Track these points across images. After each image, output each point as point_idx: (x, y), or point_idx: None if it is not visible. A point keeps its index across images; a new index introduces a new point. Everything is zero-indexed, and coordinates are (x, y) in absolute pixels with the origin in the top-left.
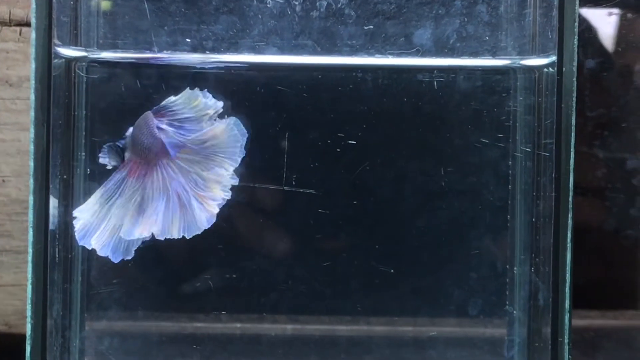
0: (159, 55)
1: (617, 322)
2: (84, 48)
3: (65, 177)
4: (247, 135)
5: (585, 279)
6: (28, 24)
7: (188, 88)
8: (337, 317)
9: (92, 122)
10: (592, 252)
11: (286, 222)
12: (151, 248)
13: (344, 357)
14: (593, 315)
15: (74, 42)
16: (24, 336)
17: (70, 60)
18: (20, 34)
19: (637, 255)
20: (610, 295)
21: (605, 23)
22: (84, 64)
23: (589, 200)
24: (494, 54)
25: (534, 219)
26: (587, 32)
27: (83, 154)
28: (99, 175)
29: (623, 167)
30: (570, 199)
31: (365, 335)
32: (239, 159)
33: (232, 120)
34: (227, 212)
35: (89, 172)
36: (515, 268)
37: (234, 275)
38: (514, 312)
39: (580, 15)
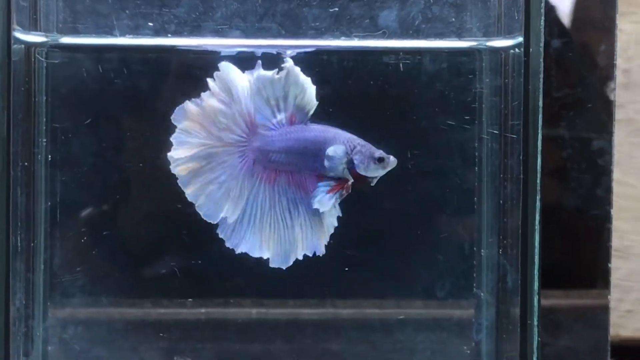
0: (120, 40)
1: (582, 301)
2: (44, 33)
3: (26, 164)
4: None
5: (550, 259)
6: None
7: None
8: (303, 301)
9: (53, 108)
10: (557, 233)
11: None
12: (115, 235)
13: (311, 342)
14: (557, 295)
15: (33, 26)
16: None
17: (29, 46)
18: None
19: (602, 235)
20: (575, 275)
21: (569, 3)
22: (43, 49)
23: (554, 181)
24: (459, 36)
25: (501, 201)
26: (552, 12)
27: (44, 140)
28: (60, 162)
29: (589, 148)
30: (538, 181)
31: (332, 318)
32: None
33: None
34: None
35: (50, 159)
36: (482, 251)
37: (199, 261)
38: (482, 294)
39: None
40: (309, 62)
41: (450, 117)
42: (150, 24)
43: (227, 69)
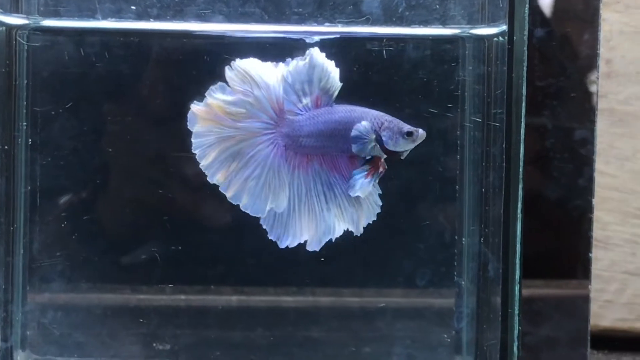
0: (102, 23)
1: (562, 291)
2: (25, 15)
3: (6, 147)
4: None
5: (531, 248)
6: None
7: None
8: (283, 289)
9: (34, 92)
10: (538, 222)
11: None
12: (95, 220)
13: (291, 329)
14: (537, 285)
15: (14, 9)
16: None
17: (11, 28)
18: None
19: (583, 225)
20: (556, 265)
21: None
22: (25, 31)
23: (537, 170)
24: (443, 23)
25: (483, 190)
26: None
27: (24, 124)
28: (41, 146)
29: (571, 137)
30: (520, 169)
31: (312, 306)
32: None
33: None
34: (171, 183)
35: (30, 142)
36: (464, 239)
37: (179, 247)
38: (463, 283)
39: None
40: (292, 47)
41: (433, 105)
42: (133, 7)
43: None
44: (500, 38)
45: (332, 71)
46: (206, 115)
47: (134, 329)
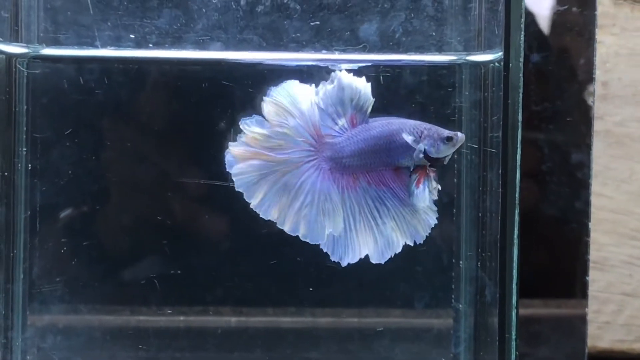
0: (101, 51)
1: (560, 310)
2: (25, 44)
3: (6, 174)
4: None
5: (528, 269)
6: None
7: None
8: (282, 309)
9: (34, 118)
10: (535, 244)
11: (231, 217)
12: (95, 244)
13: (290, 352)
14: (536, 304)
15: (14, 37)
16: None
17: (11, 57)
18: None
19: (580, 248)
20: (553, 287)
21: (547, 16)
22: (25, 59)
23: (533, 194)
24: (439, 49)
25: (480, 214)
26: (532, 25)
27: (24, 149)
28: (40, 171)
29: (568, 161)
30: (516, 195)
31: (311, 327)
32: None
33: None
34: (171, 207)
35: (29, 168)
36: (461, 263)
37: (178, 271)
38: (461, 307)
39: (526, 9)
40: (289, 74)
41: None
42: (132, 35)
43: (291, 85)
44: (497, 64)
45: (362, 88)
46: (245, 153)
47: (133, 352)
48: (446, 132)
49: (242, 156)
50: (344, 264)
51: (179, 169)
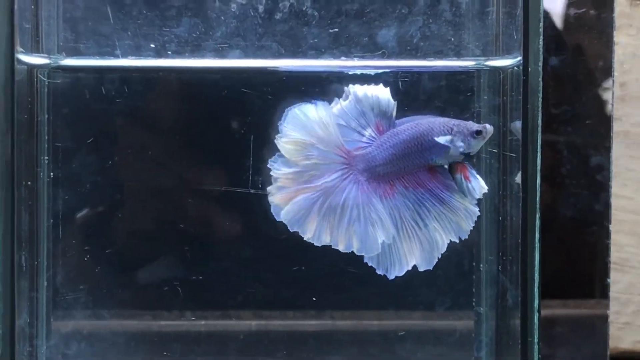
0: (121, 61)
1: (580, 311)
2: (46, 55)
3: (29, 183)
4: None
5: (549, 271)
6: None
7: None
8: (302, 312)
9: (55, 127)
10: (555, 247)
11: (252, 222)
12: (117, 251)
13: (311, 355)
14: (554, 305)
15: (35, 48)
16: None
17: (32, 67)
18: None
19: (601, 251)
20: (573, 288)
21: (564, 18)
22: (46, 70)
23: (553, 197)
24: (458, 54)
25: (501, 218)
26: (550, 28)
27: (46, 158)
28: (63, 180)
29: (587, 164)
30: (537, 199)
31: (332, 330)
32: None
33: None
34: (192, 214)
35: (52, 176)
36: (482, 266)
37: (200, 277)
38: (482, 310)
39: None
40: (308, 81)
41: None
42: (152, 44)
43: (298, 116)
44: (515, 68)
45: (380, 94)
46: (286, 197)
47: (156, 357)
48: (475, 126)
49: (284, 200)
50: (391, 277)
51: (199, 176)
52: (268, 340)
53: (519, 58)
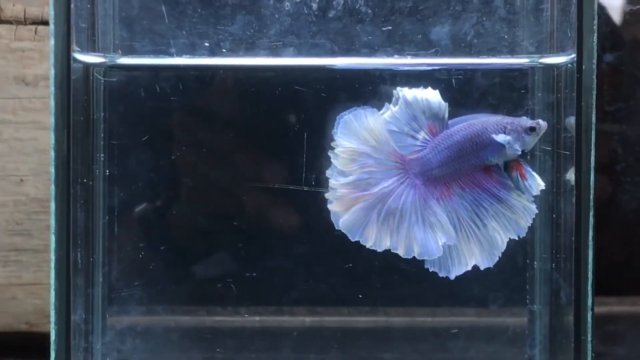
0: (175, 60)
1: (636, 308)
2: (102, 54)
3: (85, 180)
4: None
5: (604, 267)
6: (43, 23)
7: None
8: (356, 309)
9: (111, 125)
10: (610, 244)
11: (306, 221)
12: (172, 248)
13: (364, 353)
14: (610, 302)
15: (91, 47)
16: (45, 335)
17: (88, 66)
18: (35, 33)
19: None
20: (629, 282)
21: (620, 14)
22: (102, 68)
23: (607, 194)
24: (511, 51)
25: (554, 216)
26: (605, 25)
27: (102, 155)
28: (118, 177)
29: None
30: (591, 197)
31: (385, 327)
32: None
33: None
34: (246, 210)
35: (107, 174)
36: (536, 264)
37: (254, 273)
38: (535, 308)
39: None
40: (361, 78)
41: None
42: (206, 43)
43: (349, 125)
44: (569, 65)
45: (430, 97)
46: (344, 205)
47: (209, 354)
48: (529, 123)
49: (342, 209)
50: (453, 277)
51: (254, 173)
52: (321, 336)
53: (573, 55)
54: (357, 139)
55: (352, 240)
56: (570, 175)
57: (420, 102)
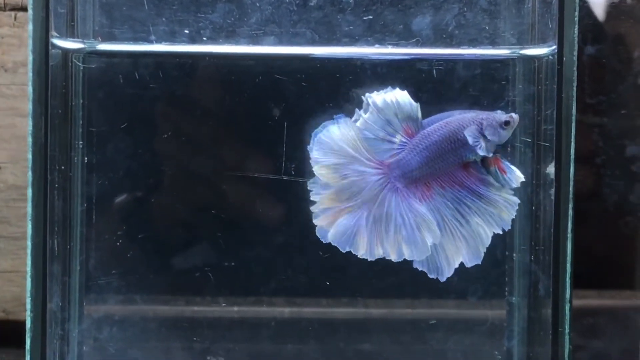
0: (155, 46)
1: (615, 302)
2: (81, 40)
3: (63, 167)
4: None
5: (583, 262)
6: (23, 9)
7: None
8: (335, 300)
9: (89, 112)
10: (590, 238)
11: (285, 209)
12: (150, 237)
13: (343, 344)
14: (590, 295)
15: (70, 33)
16: (21, 323)
17: (67, 52)
18: (15, 19)
19: (635, 242)
20: (608, 279)
21: (602, 6)
22: (80, 54)
23: (587, 187)
24: (493, 42)
25: (534, 208)
26: (587, 17)
27: (80, 143)
28: (96, 165)
29: (622, 154)
30: (570, 189)
31: (364, 318)
32: None
33: None
34: (225, 200)
35: (86, 161)
36: (515, 256)
37: (233, 263)
38: (514, 300)
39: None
40: (342, 68)
41: None
42: (186, 30)
43: (325, 140)
44: (550, 57)
45: (400, 98)
46: (330, 218)
47: (187, 343)
48: (503, 117)
49: (328, 222)
50: (443, 279)
51: (233, 162)
52: (300, 327)
53: (554, 47)
54: (334, 154)
55: (344, 252)
56: (550, 169)
57: (392, 106)
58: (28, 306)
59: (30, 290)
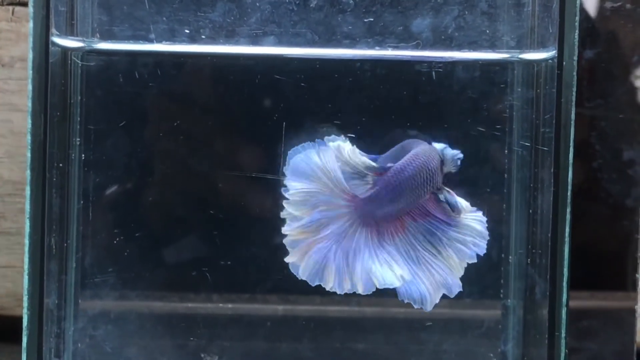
0: (154, 46)
1: (608, 303)
2: (81, 38)
3: (61, 165)
4: None
5: (578, 264)
6: (20, 4)
7: None
8: (329, 298)
9: (88, 110)
10: (586, 241)
11: (281, 209)
12: (147, 235)
13: (337, 342)
14: (582, 297)
15: (70, 31)
16: (15, 319)
17: (66, 50)
18: (12, 14)
19: (630, 245)
20: (603, 282)
21: (601, 12)
22: (80, 52)
23: (584, 191)
24: (492, 45)
25: (531, 212)
26: (585, 22)
27: (78, 140)
28: (94, 162)
29: (619, 158)
30: (568, 193)
31: (358, 317)
32: None
33: None
34: (222, 199)
35: (83, 159)
36: (511, 259)
37: (228, 262)
38: (510, 303)
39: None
40: (341, 69)
41: (482, 127)
42: (186, 29)
43: (307, 159)
44: (550, 62)
45: (345, 151)
46: (301, 251)
47: (182, 341)
48: (454, 150)
49: (299, 256)
50: (428, 309)
51: (231, 162)
52: (294, 325)
53: (554, 52)
54: (308, 179)
55: (313, 286)
56: None
57: (352, 162)
58: (25, 304)
59: (28, 287)
